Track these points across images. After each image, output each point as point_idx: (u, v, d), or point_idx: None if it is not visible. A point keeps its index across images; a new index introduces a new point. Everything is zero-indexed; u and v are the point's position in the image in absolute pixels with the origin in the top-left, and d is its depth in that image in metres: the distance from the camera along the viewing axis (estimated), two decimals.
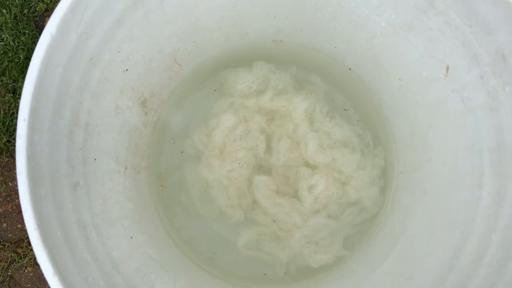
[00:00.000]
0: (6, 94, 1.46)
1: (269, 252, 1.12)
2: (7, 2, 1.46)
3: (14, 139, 1.45)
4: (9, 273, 1.43)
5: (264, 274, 1.12)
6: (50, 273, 0.66)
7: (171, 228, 1.12)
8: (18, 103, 1.36)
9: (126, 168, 0.99)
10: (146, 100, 1.04)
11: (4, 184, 1.46)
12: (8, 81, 1.46)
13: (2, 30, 1.45)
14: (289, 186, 1.15)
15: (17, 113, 1.46)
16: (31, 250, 1.43)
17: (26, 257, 1.43)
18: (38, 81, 0.70)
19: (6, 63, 1.45)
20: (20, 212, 1.45)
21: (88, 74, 0.81)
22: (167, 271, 0.96)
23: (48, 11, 1.49)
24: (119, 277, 0.82)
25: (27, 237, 1.44)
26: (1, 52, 1.45)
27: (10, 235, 1.45)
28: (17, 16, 1.47)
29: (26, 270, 1.44)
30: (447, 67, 0.90)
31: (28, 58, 1.45)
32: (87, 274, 0.75)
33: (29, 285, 1.44)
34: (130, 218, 0.96)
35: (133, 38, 0.89)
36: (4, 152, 1.46)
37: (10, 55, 1.45)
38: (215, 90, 1.20)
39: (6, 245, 1.44)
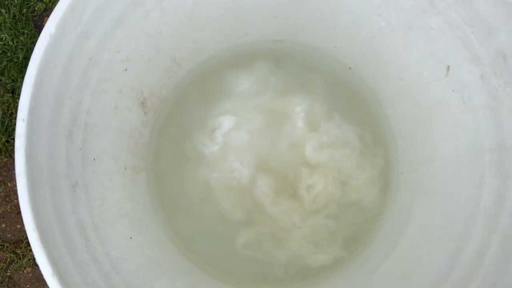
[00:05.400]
0: (5, 94, 1.45)
1: (269, 252, 1.12)
2: (6, 2, 1.46)
3: (13, 139, 1.44)
4: (8, 274, 1.43)
5: (264, 275, 1.12)
6: (49, 273, 0.66)
7: (171, 229, 1.12)
8: (17, 103, 1.35)
9: (125, 168, 0.99)
10: (145, 100, 1.03)
11: (3, 185, 1.46)
12: (7, 81, 1.45)
13: (1, 30, 1.44)
14: (288, 186, 1.14)
15: (16, 113, 1.46)
16: (30, 250, 1.42)
17: (25, 258, 1.43)
18: (37, 81, 0.70)
19: (5, 63, 1.45)
20: (19, 212, 1.45)
21: (87, 74, 0.81)
22: (166, 272, 0.96)
23: (47, 10, 1.49)
24: (118, 278, 0.81)
25: (26, 238, 1.44)
26: (0, 52, 1.44)
27: (9, 235, 1.45)
28: (16, 16, 1.46)
29: (25, 271, 1.44)
30: (448, 67, 0.90)
31: (27, 58, 1.45)
32: (86, 274, 0.74)
33: (28, 286, 1.44)
34: (130, 219, 0.95)
35: (133, 37, 0.89)
36: (3, 152, 1.46)
37: (9, 54, 1.45)
38: (215, 91, 1.19)
39: (5, 246, 1.44)
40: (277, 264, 1.11)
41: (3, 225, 1.45)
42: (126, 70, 0.91)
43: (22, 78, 1.38)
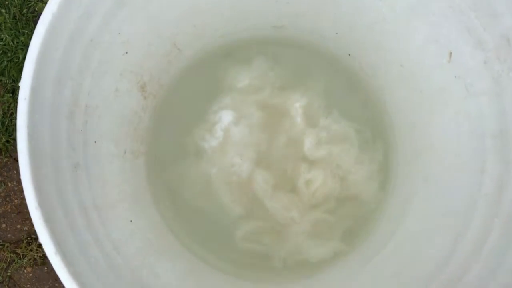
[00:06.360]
0: (5, 94, 1.45)
1: (268, 246, 1.12)
2: (6, 2, 1.46)
3: (14, 139, 1.44)
4: (8, 274, 1.43)
5: (263, 267, 1.11)
6: (52, 252, 0.65)
7: (169, 218, 1.11)
8: (17, 103, 1.34)
9: (125, 152, 0.99)
10: (145, 84, 1.03)
11: (3, 185, 1.45)
12: (7, 81, 1.45)
13: (1, 30, 1.44)
14: (287, 181, 1.15)
15: (16, 113, 1.45)
16: (31, 250, 1.43)
17: (26, 258, 1.43)
18: (39, 60, 0.70)
19: (5, 63, 1.45)
20: (19, 212, 1.45)
21: (88, 55, 0.81)
22: (166, 256, 0.95)
23: None
24: (119, 259, 0.81)
25: (26, 238, 1.44)
26: (0, 52, 1.44)
27: (9, 235, 1.45)
28: (16, 16, 1.46)
29: (25, 271, 1.44)
30: (450, 53, 0.89)
31: None
32: (89, 254, 0.74)
33: (28, 286, 1.44)
34: (129, 202, 0.95)
35: (133, 20, 0.88)
36: (3, 152, 1.45)
37: (9, 55, 1.45)
38: (214, 85, 1.19)
39: (5, 246, 1.44)
40: (276, 257, 1.11)
41: (4, 225, 1.45)
42: (126, 53, 0.91)
43: None
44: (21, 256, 1.43)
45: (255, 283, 1.09)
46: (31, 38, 1.40)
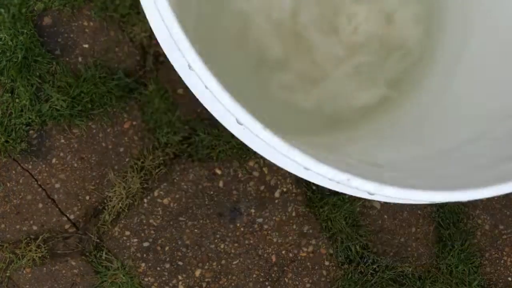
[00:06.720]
0: (4, 94, 1.45)
1: (307, 92, 1.09)
2: (5, 1, 1.46)
3: (13, 139, 1.44)
4: (7, 274, 1.41)
5: (301, 118, 1.07)
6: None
7: None
8: (16, 103, 1.35)
9: None
10: None
11: (2, 185, 1.45)
12: (6, 81, 1.45)
13: (0, 30, 1.44)
14: (330, 19, 1.12)
15: (15, 113, 1.45)
16: (29, 251, 1.42)
17: (25, 258, 1.41)
18: None
19: (4, 62, 1.44)
20: (18, 212, 1.45)
21: None
22: None
23: (47, 10, 1.49)
24: None
25: (26, 238, 1.44)
26: None
27: (8, 235, 1.44)
28: (15, 15, 1.46)
29: (24, 271, 1.43)
30: None
31: (26, 58, 1.45)
32: None
33: (27, 286, 1.43)
34: None
35: None
36: (2, 152, 1.45)
37: (8, 54, 1.45)
38: None
39: (5, 246, 1.43)
40: (315, 105, 1.08)
41: (3, 225, 1.44)
42: None
43: (21, 78, 1.38)
44: (20, 257, 1.42)
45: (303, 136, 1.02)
46: (30, 37, 1.41)
